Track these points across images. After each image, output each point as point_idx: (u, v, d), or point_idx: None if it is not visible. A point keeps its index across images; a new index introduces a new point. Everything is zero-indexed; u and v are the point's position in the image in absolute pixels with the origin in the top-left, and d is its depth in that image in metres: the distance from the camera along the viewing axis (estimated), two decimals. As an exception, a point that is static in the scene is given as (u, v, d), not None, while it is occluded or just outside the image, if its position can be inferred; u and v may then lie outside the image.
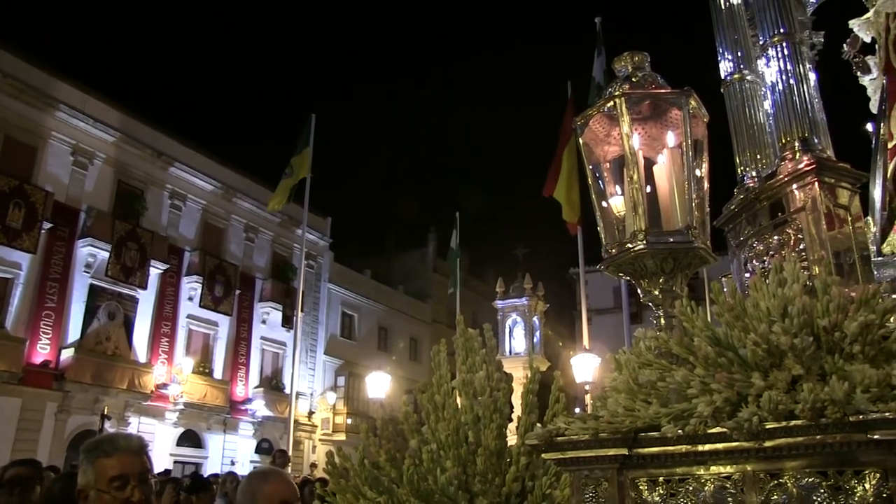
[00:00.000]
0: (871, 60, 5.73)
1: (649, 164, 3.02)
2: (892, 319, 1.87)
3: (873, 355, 1.83)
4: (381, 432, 3.00)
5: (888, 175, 4.50)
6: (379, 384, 17.83)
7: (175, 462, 22.76)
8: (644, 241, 2.70)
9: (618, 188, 3.16)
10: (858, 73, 5.93)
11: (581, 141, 3.15)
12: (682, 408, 2.02)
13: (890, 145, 4.61)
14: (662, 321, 2.74)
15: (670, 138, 2.99)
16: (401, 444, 2.94)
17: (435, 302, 38.08)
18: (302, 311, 21.33)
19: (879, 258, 4.04)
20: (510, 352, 12.75)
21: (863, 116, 6.01)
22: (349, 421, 30.01)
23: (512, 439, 3.14)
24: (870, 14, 5.53)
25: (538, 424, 2.80)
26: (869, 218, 4.36)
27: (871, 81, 5.78)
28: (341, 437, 29.37)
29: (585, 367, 14.62)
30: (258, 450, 26.87)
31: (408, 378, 32.14)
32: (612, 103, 2.96)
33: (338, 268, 32.83)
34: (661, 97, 2.97)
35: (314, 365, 30.52)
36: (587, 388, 14.25)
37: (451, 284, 26.85)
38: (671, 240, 2.74)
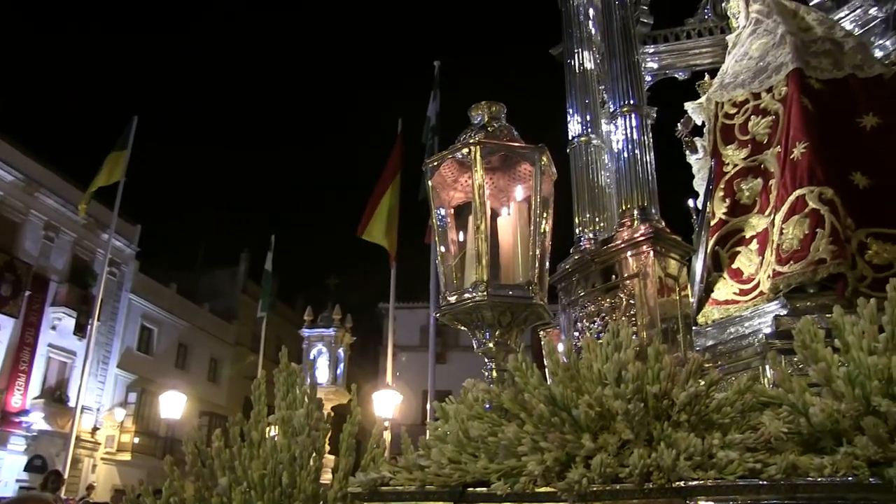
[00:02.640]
0: (699, 142, 6.25)
1: (494, 215, 3.07)
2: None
3: (696, 424, 1.94)
4: (189, 467, 2.82)
5: (708, 251, 4.92)
6: (173, 404, 17.05)
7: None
8: (484, 293, 2.73)
9: (460, 235, 3.18)
10: (687, 152, 6.46)
11: (430, 183, 3.15)
12: (511, 464, 2.05)
13: (713, 223, 5.04)
14: (495, 374, 2.78)
15: (518, 192, 3.06)
16: (210, 481, 2.77)
17: (241, 323, 37.11)
18: (98, 319, 20.01)
19: (695, 328, 4.37)
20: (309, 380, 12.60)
21: (686, 192, 6.52)
22: (136, 440, 28.37)
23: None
24: (702, 99, 6.06)
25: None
26: (689, 289, 4.72)
27: (697, 161, 6.30)
28: (126, 456, 27.80)
29: (386, 403, 14.73)
30: (29, 467, 24.56)
31: (204, 399, 30.97)
32: (466, 150, 2.98)
33: (142, 278, 31.21)
34: (515, 150, 3.04)
35: (105, 378, 28.65)
36: (386, 424, 14.34)
37: (261, 308, 26.35)
38: (511, 293, 2.80)
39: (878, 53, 5.81)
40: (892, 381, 1.87)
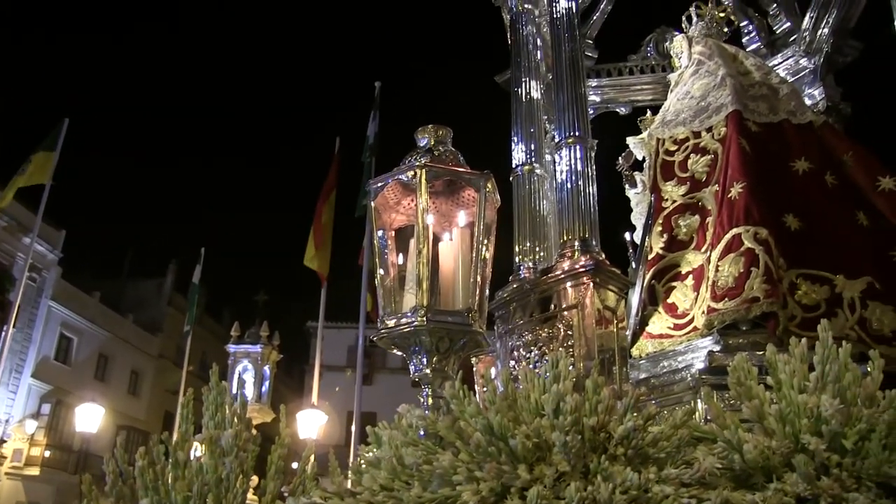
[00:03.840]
0: (639, 176, 6.40)
1: (436, 239, 3.06)
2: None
3: (633, 458, 1.96)
4: (110, 487, 2.72)
5: (644, 285, 5.03)
6: (90, 417, 16.44)
7: None
8: (424, 318, 2.71)
9: (400, 258, 3.16)
10: (626, 185, 6.60)
11: (372, 204, 3.13)
12: (446, 493, 2.03)
13: (650, 257, 5.15)
14: (430, 401, 2.76)
15: (462, 218, 3.06)
16: (130, 502, 2.68)
17: (165, 336, 36.22)
18: (14, 326, 19.24)
19: (629, 360, 4.44)
20: (236, 399, 12.42)
21: (623, 225, 6.64)
22: (48, 454, 27.17)
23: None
24: (644, 135, 6.22)
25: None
26: (626, 322, 4.80)
27: (636, 195, 6.45)
28: (34, 471, 26.58)
29: (311, 423, 14.55)
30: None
31: (123, 413, 30.05)
32: (412, 173, 2.97)
33: (64, 285, 30.15)
34: (461, 176, 3.04)
35: (17, 388, 27.44)
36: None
37: (187, 320, 25.79)
38: (450, 319, 2.78)
39: (808, 102, 6.09)
40: (820, 419, 1.93)
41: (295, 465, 3.34)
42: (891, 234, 4.79)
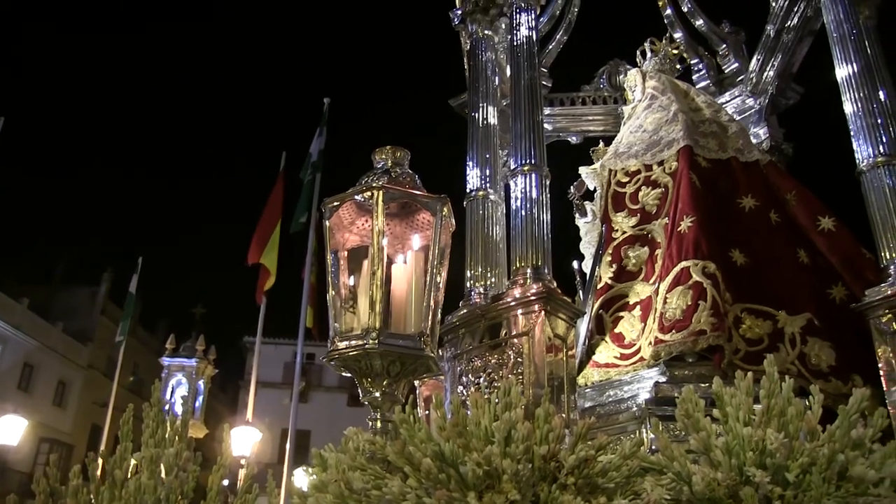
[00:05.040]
0: (589, 206, 6.51)
1: (389, 262, 3.06)
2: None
3: (582, 487, 1.99)
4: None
5: (592, 314, 5.10)
6: (11, 428, 15.76)
7: None
8: (376, 341, 2.71)
9: (352, 279, 3.15)
10: (577, 214, 6.70)
11: (326, 223, 3.13)
12: (394, 520, 2.04)
13: (599, 286, 5.24)
14: (379, 425, 2.75)
15: (416, 241, 3.07)
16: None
17: (96, 346, 35.16)
18: (-67, 332, 18.49)
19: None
20: (168, 413, 12.19)
21: (571, 253, 6.74)
22: (-42, 467, 26.02)
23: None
24: (596, 166, 6.34)
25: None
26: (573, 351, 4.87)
27: (585, 224, 6.55)
28: (-60, 486, 25.32)
29: (245, 440, 14.28)
30: None
31: (47, 425, 29.01)
32: (369, 194, 2.97)
33: (-10, 291, 29.16)
34: (418, 199, 3.05)
35: (-70, 397, 26.32)
36: (243, 462, 13.89)
37: (120, 331, 25.14)
38: (402, 343, 2.78)
39: (753, 140, 6.29)
40: (765, 452, 1.99)
41: (226, 483, 3.28)
42: (829, 273, 4.97)
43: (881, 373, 3.95)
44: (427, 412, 4.57)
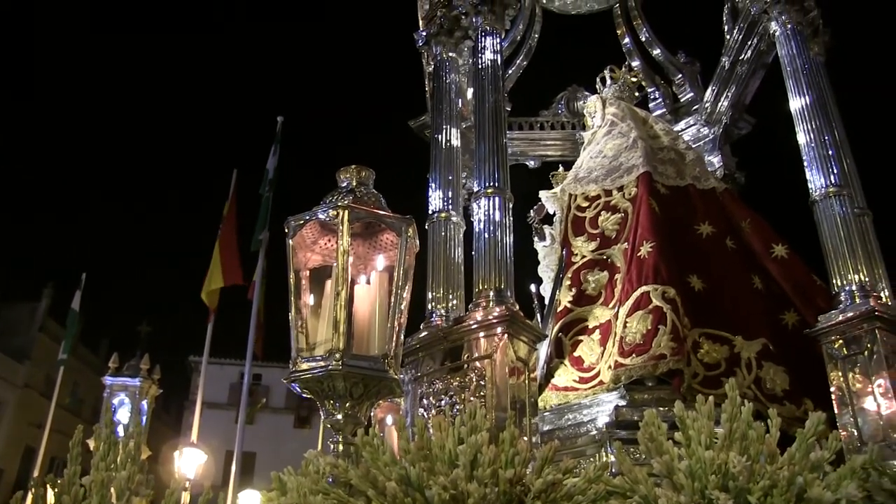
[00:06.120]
0: (548, 229, 6.58)
1: (352, 282, 3.05)
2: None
3: (548, 510, 2.00)
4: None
5: (552, 337, 5.14)
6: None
7: None
8: (339, 362, 2.69)
9: (312, 299, 3.12)
10: (536, 238, 6.77)
11: (290, 242, 3.11)
12: (358, 543, 2.02)
13: (558, 310, 5.28)
14: (341, 447, 2.73)
15: (379, 261, 3.07)
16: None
17: (33, 364, 34.13)
18: None
19: (535, 412, 4.52)
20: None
21: (530, 276, 6.79)
22: None
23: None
24: (556, 190, 6.42)
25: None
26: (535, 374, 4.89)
27: (544, 248, 6.62)
28: None
29: (190, 462, 14.01)
30: None
31: (-24, 447, 27.98)
32: (334, 213, 2.96)
33: (-84, 305, 28.22)
34: (383, 219, 3.04)
35: None
36: (187, 485, 13.63)
37: (63, 349, 24.51)
38: (365, 365, 2.76)
39: (708, 169, 6.44)
40: (728, 475, 2.02)
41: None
42: (782, 299, 5.09)
43: (833, 397, 4.05)
44: (381, 434, 4.54)
